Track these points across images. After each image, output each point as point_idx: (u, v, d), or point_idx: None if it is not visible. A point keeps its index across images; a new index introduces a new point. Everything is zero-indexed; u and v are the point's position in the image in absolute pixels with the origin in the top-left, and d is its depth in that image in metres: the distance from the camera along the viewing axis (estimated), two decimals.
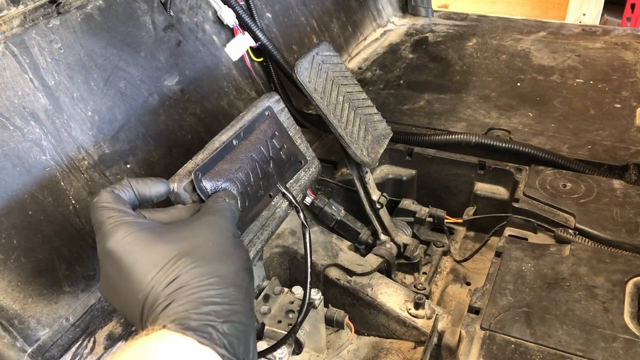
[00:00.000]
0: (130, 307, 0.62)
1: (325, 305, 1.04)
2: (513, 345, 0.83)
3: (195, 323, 0.56)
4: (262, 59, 1.48)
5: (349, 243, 1.19)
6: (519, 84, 1.64)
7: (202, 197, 0.77)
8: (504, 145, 1.31)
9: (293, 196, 0.93)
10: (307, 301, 0.89)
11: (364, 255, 1.15)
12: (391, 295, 1.05)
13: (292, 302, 1.01)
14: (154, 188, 0.73)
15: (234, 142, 0.86)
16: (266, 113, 0.94)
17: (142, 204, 0.72)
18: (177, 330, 0.55)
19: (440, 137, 1.36)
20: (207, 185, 0.79)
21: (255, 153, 0.89)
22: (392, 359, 1.03)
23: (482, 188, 1.31)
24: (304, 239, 0.89)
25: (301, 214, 0.89)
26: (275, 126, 0.95)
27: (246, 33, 1.41)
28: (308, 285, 0.89)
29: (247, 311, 0.62)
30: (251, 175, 0.87)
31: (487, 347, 0.83)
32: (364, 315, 1.07)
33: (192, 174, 0.77)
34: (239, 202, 0.80)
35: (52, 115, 0.98)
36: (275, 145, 0.94)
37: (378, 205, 1.18)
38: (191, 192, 0.77)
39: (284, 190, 0.92)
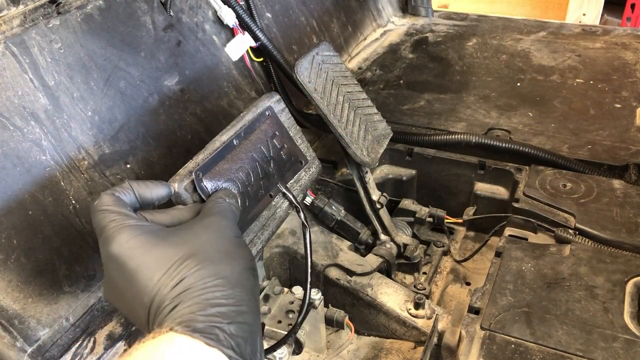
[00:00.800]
0: (136, 310, 0.62)
1: (325, 305, 1.04)
2: (513, 345, 0.83)
3: (202, 325, 0.56)
4: (262, 59, 1.48)
5: (349, 243, 1.19)
6: (519, 84, 1.64)
7: (203, 197, 0.77)
8: (504, 145, 1.31)
9: (293, 196, 0.93)
10: (307, 301, 0.89)
11: (364, 255, 1.15)
12: (391, 295, 1.05)
13: (292, 302, 1.01)
14: (155, 191, 0.73)
15: (235, 141, 0.86)
16: (267, 113, 0.94)
17: (143, 206, 0.72)
18: (184, 332, 0.56)
19: (440, 137, 1.36)
20: (208, 184, 0.79)
21: (255, 153, 0.89)
22: (392, 359, 1.03)
23: (482, 188, 1.31)
24: (304, 238, 0.89)
25: (301, 214, 0.89)
26: (275, 126, 0.95)
27: (246, 33, 1.41)
28: (308, 286, 0.89)
29: (252, 311, 0.62)
30: (252, 175, 0.87)
31: (487, 347, 0.83)
32: (364, 315, 1.07)
33: (193, 174, 0.77)
34: (239, 202, 0.80)
35: (52, 115, 0.98)
36: (276, 145, 0.94)
37: (378, 205, 1.18)
38: (192, 192, 0.77)
39: (284, 190, 0.92)
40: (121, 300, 0.65)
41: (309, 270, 0.89)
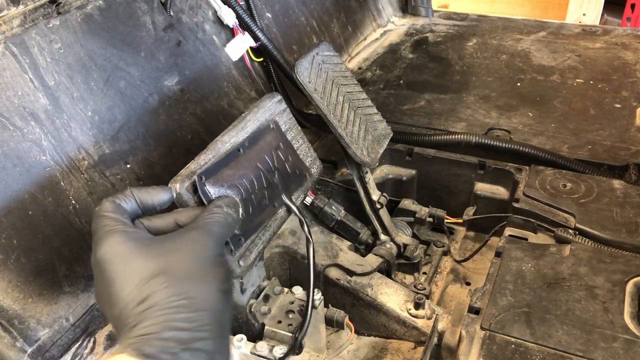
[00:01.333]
0: (112, 316, 0.63)
1: (325, 305, 1.04)
2: (513, 346, 0.83)
3: (153, 350, 0.56)
4: (262, 59, 1.48)
5: (349, 243, 1.18)
6: (519, 84, 1.64)
7: (204, 200, 0.77)
8: (504, 145, 1.31)
9: (298, 209, 0.92)
10: (309, 312, 0.89)
11: (364, 255, 1.15)
12: (391, 296, 1.05)
13: (292, 302, 1.01)
14: (156, 196, 0.73)
15: (240, 150, 0.86)
16: (271, 126, 0.94)
17: (145, 212, 0.72)
18: (135, 355, 0.55)
19: (440, 137, 1.36)
20: (210, 189, 0.78)
21: (260, 162, 0.89)
22: (392, 359, 1.03)
23: (482, 188, 1.31)
24: (307, 252, 0.89)
25: (305, 228, 0.89)
26: (280, 138, 0.95)
27: (246, 33, 1.41)
28: (310, 292, 0.89)
29: (214, 337, 0.60)
30: (256, 184, 0.86)
31: (487, 347, 0.83)
32: (364, 315, 1.07)
33: (196, 177, 0.77)
34: (240, 209, 0.80)
35: (52, 115, 0.98)
36: (280, 157, 0.93)
37: (378, 205, 1.18)
38: (193, 193, 0.77)
39: (289, 203, 0.92)
40: (102, 303, 0.66)
41: (312, 282, 0.89)
